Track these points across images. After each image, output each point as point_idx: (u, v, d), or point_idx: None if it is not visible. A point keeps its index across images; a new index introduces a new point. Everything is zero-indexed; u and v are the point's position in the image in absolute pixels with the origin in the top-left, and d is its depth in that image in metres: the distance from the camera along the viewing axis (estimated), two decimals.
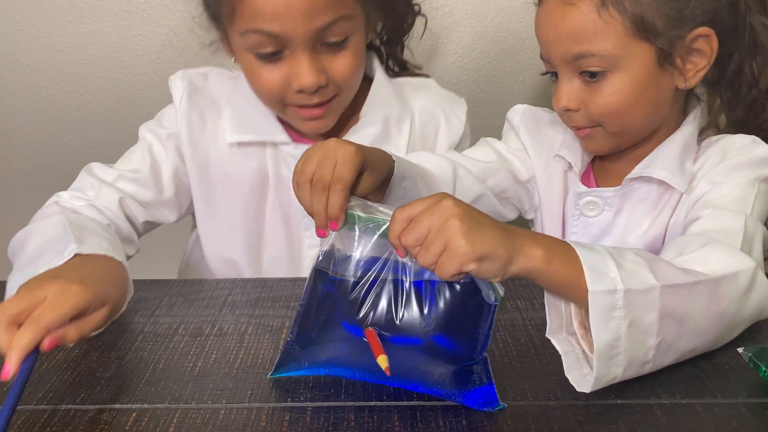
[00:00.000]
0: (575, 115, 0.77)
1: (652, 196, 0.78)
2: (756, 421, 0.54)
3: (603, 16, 0.72)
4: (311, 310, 0.58)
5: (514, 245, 0.53)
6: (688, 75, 0.74)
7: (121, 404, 0.57)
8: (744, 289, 0.61)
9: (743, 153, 0.74)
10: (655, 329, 0.56)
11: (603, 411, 0.55)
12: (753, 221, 0.68)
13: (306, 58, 0.75)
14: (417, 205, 0.54)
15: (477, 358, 0.56)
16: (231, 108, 0.87)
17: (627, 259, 0.57)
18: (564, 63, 0.75)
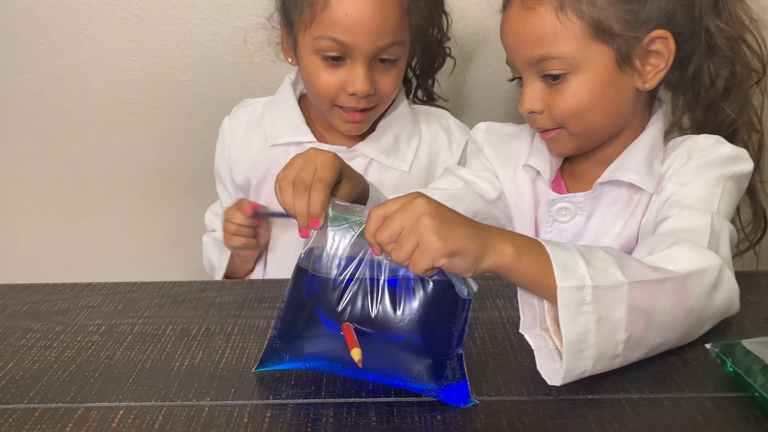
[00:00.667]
0: (539, 117, 0.79)
1: (623, 198, 0.80)
2: (720, 414, 0.56)
3: (561, 20, 0.75)
4: (293, 306, 0.61)
5: (484, 242, 0.55)
6: (647, 77, 0.77)
7: (108, 402, 0.59)
8: (711, 286, 0.63)
9: (708, 153, 0.76)
10: (624, 324, 0.58)
11: (573, 406, 0.57)
12: (719, 219, 0.70)
13: (363, 69, 0.87)
14: (391, 204, 0.56)
15: (452, 354, 0.58)
16: (270, 116, 1.01)
17: (596, 256, 0.59)
18: (527, 66, 0.78)
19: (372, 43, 0.85)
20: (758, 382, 0.56)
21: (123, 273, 1.41)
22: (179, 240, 1.40)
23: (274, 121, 0.99)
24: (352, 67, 0.87)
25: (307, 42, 0.88)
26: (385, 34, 0.85)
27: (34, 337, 0.71)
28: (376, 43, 0.85)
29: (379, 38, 0.85)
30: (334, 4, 0.84)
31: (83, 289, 0.83)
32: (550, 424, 0.55)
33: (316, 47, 0.87)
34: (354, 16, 0.83)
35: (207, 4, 1.29)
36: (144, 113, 1.35)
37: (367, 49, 0.85)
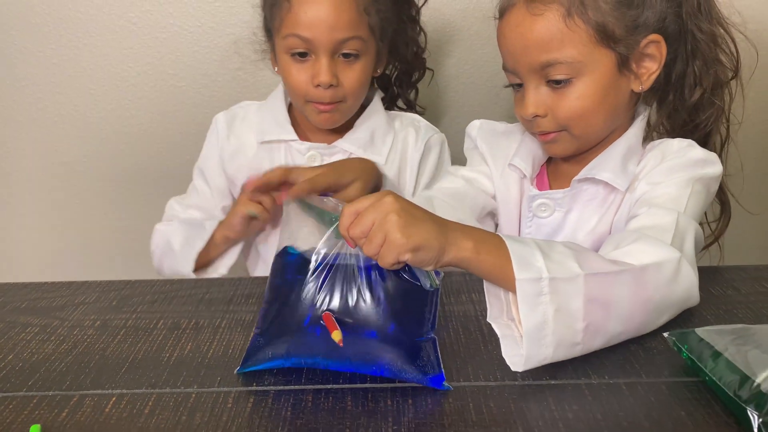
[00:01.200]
0: (543, 121, 0.82)
1: (600, 196, 0.84)
2: (673, 397, 0.60)
3: (569, 25, 0.77)
4: (273, 303, 0.65)
5: (446, 237, 0.60)
6: (642, 79, 0.80)
7: (102, 390, 0.63)
8: (668, 278, 0.66)
9: (680, 155, 0.80)
10: (582, 314, 0.62)
11: (536, 390, 0.61)
12: (685, 218, 0.74)
13: (326, 61, 0.97)
14: (363, 201, 0.60)
15: (426, 336, 0.62)
16: (259, 117, 1.10)
17: (555, 250, 0.63)
18: (531, 71, 0.80)
19: (330, 37, 0.95)
20: (708, 367, 0.59)
21: (118, 272, 1.45)
22: None
23: (263, 121, 1.08)
24: (316, 61, 0.97)
25: (280, 44, 0.99)
26: (342, 29, 0.95)
27: (33, 331, 0.75)
28: (333, 37, 0.95)
29: (336, 32, 0.95)
30: (296, 5, 0.95)
31: (79, 286, 0.87)
32: (514, 407, 0.59)
33: (286, 46, 0.98)
34: (313, 14, 0.95)
35: (202, 12, 1.33)
36: (140, 118, 1.39)
37: (326, 42, 0.95)
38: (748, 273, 0.84)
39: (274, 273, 0.65)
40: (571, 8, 0.76)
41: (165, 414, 0.59)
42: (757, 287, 0.81)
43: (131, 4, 1.32)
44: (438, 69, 1.27)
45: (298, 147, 1.06)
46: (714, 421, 0.56)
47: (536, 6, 0.78)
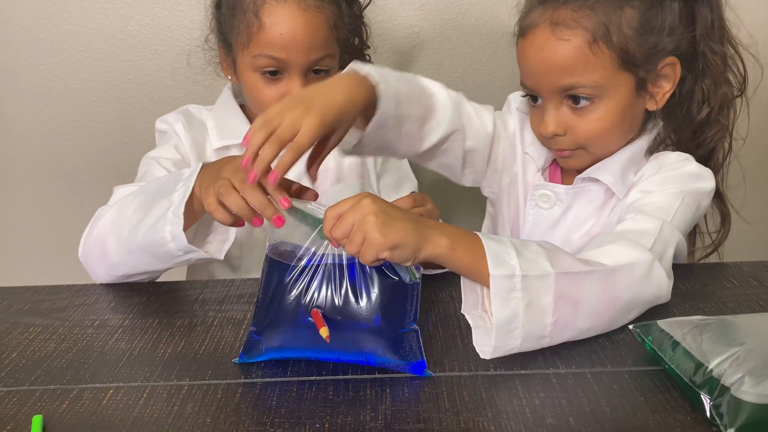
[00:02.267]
0: (562, 139, 0.84)
1: (599, 199, 0.87)
2: (635, 384, 0.63)
3: (594, 50, 0.79)
4: (266, 298, 0.69)
5: (422, 235, 0.64)
6: (657, 98, 0.83)
7: (100, 383, 0.67)
8: (639, 278, 0.70)
9: (675, 168, 0.83)
10: (551, 309, 0.66)
11: (507, 379, 0.65)
12: (670, 228, 0.77)
13: (299, 81, 0.96)
14: (343, 204, 0.65)
15: (408, 328, 0.66)
16: (213, 121, 1.07)
17: (529, 249, 0.67)
18: (553, 93, 0.82)
19: (306, 57, 0.94)
20: (668, 356, 0.63)
21: None
22: None
23: (218, 125, 1.04)
24: (290, 80, 0.96)
25: (246, 61, 0.97)
26: (317, 49, 0.95)
27: (35, 331, 0.79)
28: (309, 57, 0.94)
29: (312, 52, 0.94)
30: (268, 26, 0.93)
31: (80, 289, 0.91)
32: (485, 395, 0.63)
33: (255, 65, 0.96)
34: (288, 35, 0.93)
35: (199, 25, 1.36)
36: (140, 129, 1.44)
37: (302, 62, 0.94)
38: (717, 270, 0.88)
39: (266, 269, 0.70)
40: (596, 34, 0.78)
41: (158, 405, 0.63)
42: (724, 282, 0.85)
43: (130, 19, 1.37)
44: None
45: None
46: (671, 406, 0.60)
47: (562, 31, 0.79)
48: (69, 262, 1.51)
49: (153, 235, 0.80)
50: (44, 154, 1.45)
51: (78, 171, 1.46)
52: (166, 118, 1.08)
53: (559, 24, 0.79)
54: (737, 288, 0.83)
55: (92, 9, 1.36)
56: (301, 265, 0.68)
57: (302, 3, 0.93)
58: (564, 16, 0.79)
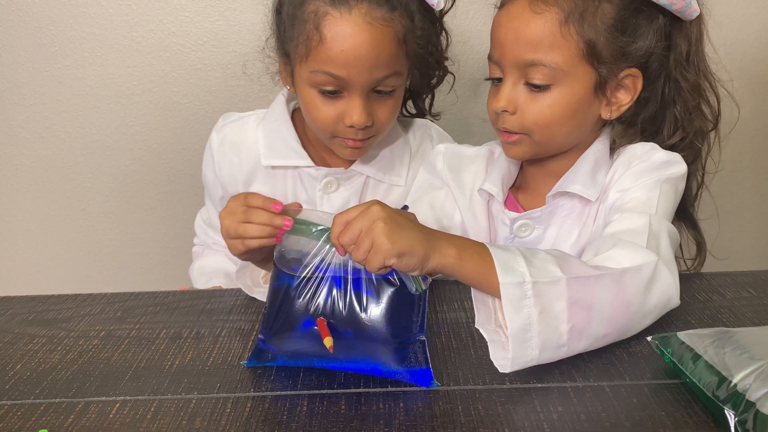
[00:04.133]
0: (510, 118, 0.83)
1: (576, 210, 0.86)
2: (654, 398, 0.62)
3: (563, 32, 0.79)
4: (274, 306, 0.68)
5: (430, 244, 0.63)
6: (612, 107, 0.83)
7: (106, 397, 0.66)
8: (647, 280, 0.69)
9: (644, 159, 0.82)
10: (566, 316, 0.64)
11: (523, 393, 0.63)
12: (657, 219, 0.76)
13: (360, 101, 0.88)
14: (352, 210, 0.64)
15: (414, 339, 0.65)
16: (264, 135, 0.99)
17: (537, 256, 0.65)
18: (514, 67, 0.81)
19: (368, 77, 0.86)
20: (689, 369, 0.62)
21: (123, 283, 1.48)
22: (179, 253, 1.47)
23: (268, 140, 0.98)
24: (349, 100, 0.88)
25: (303, 75, 0.89)
26: (381, 67, 0.86)
27: (40, 341, 0.78)
28: (372, 76, 0.86)
29: (375, 71, 0.86)
30: (329, 40, 0.84)
31: (85, 299, 0.89)
32: (501, 410, 0.61)
33: (313, 81, 0.88)
34: (349, 52, 0.84)
35: (204, 31, 1.36)
36: (144, 134, 1.43)
37: (364, 82, 0.86)
38: (733, 278, 0.87)
39: (273, 278, 0.68)
40: (570, 16, 0.78)
41: (166, 419, 0.62)
42: (741, 292, 0.83)
43: (135, 24, 1.36)
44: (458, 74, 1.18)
45: (312, 173, 0.98)
46: (693, 421, 0.58)
47: (538, 4, 0.79)
48: (73, 269, 1.51)
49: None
50: (48, 160, 1.44)
51: (82, 177, 1.45)
52: (204, 166, 1.05)
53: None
54: (756, 298, 0.81)
55: (97, 15, 1.35)
56: (308, 273, 0.66)
57: (368, 16, 0.84)
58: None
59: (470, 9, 1.34)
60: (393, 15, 0.85)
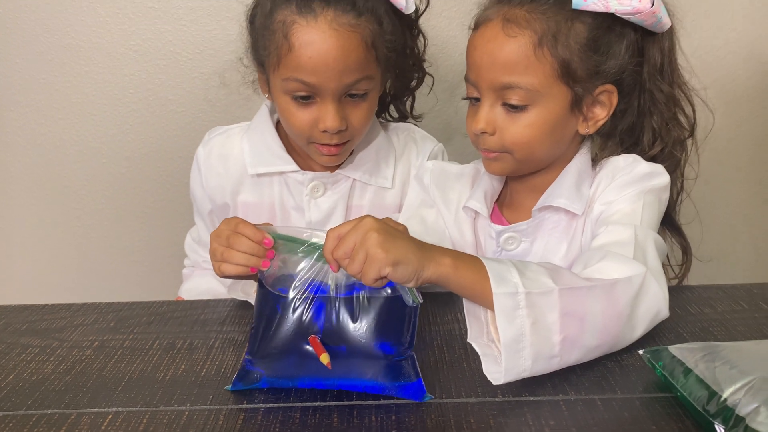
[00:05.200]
0: (489, 139, 0.84)
1: (563, 223, 0.87)
2: (646, 412, 0.62)
3: (537, 54, 0.80)
4: (259, 328, 0.67)
5: (425, 254, 0.63)
6: (589, 123, 0.84)
7: (99, 408, 0.66)
8: (636, 291, 0.70)
9: (627, 171, 0.83)
10: (558, 327, 0.64)
11: (515, 406, 0.64)
12: (643, 230, 0.77)
13: (333, 106, 0.89)
14: (345, 225, 0.64)
15: (405, 354, 0.65)
16: (249, 145, 1.01)
17: (529, 268, 0.66)
18: (490, 89, 0.83)
19: (338, 82, 0.88)
20: (680, 383, 0.62)
21: (117, 292, 1.48)
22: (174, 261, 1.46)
23: (254, 149, 1.00)
24: (322, 105, 0.89)
25: (277, 83, 0.91)
26: (351, 72, 0.88)
27: (33, 352, 0.77)
28: (342, 81, 0.88)
29: (345, 77, 0.88)
30: (297, 48, 0.86)
31: (79, 308, 0.89)
32: (493, 423, 0.61)
33: (286, 88, 0.90)
34: (317, 59, 0.86)
35: (200, 39, 1.37)
36: (141, 143, 1.43)
37: (334, 87, 0.88)
38: (725, 291, 0.87)
39: (259, 299, 0.68)
40: (543, 38, 0.79)
41: (159, 431, 0.62)
42: (732, 305, 0.83)
43: (132, 33, 1.36)
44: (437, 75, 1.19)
45: (298, 178, 0.99)
46: None
47: (512, 28, 0.80)
48: (67, 276, 1.51)
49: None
50: (43, 167, 1.44)
51: (78, 185, 1.45)
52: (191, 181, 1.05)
53: (511, 21, 0.80)
54: (747, 311, 0.82)
55: (94, 23, 1.36)
56: (296, 292, 0.66)
57: (334, 22, 0.86)
58: (517, 14, 0.81)
59: (448, 11, 1.34)
60: (359, 20, 0.87)
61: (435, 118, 1.34)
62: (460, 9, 1.34)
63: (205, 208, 1.05)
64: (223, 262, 0.73)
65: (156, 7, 1.36)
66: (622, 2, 0.79)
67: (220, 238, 0.73)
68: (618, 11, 0.79)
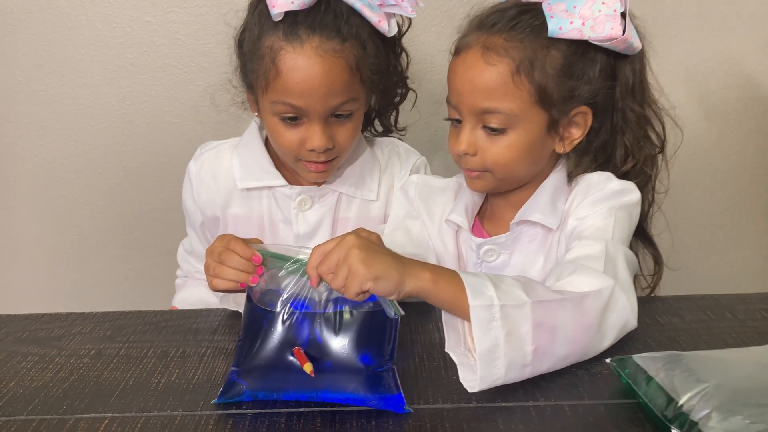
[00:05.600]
0: (471, 159, 0.89)
1: (538, 237, 0.91)
2: (609, 417, 0.66)
3: (515, 81, 0.84)
4: (247, 337, 0.71)
5: (405, 269, 0.67)
6: (565, 142, 0.88)
7: (95, 413, 0.69)
8: (605, 303, 0.74)
9: (600, 188, 0.88)
10: (530, 337, 0.68)
11: (488, 411, 0.68)
12: (614, 244, 0.81)
13: (319, 127, 0.93)
14: (329, 243, 0.68)
15: (386, 366, 0.69)
16: (239, 160, 1.05)
17: (504, 282, 0.70)
18: (471, 113, 0.87)
19: (324, 104, 0.92)
20: (642, 390, 0.66)
21: (115, 301, 1.52)
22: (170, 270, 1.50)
23: (243, 164, 1.04)
24: (309, 126, 0.94)
25: (265, 104, 0.95)
26: (336, 95, 0.92)
27: (33, 360, 0.81)
28: (328, 104, 0.92)
29: (331, 99, 0.91)
30: (285, 73, 0.90)
31: (77, 318, 0.93)
32: (466, 427, 0.65)
33: (274, 110, 0.94)
34: (304, 83, 0.90)
35: (195, 53, 1.41)
36: (137, 153, 1.47)
37: (321, 109, 0.92)
38: (694, 302, 0.91)
39: (247, 313, 0.72)
40: (521, 65, 0.83)
41: None
42: (700, 315, 0.88)
43: (129, 46, 1.40)
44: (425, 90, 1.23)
45: (286, 192, 1.03)
46: None
47: (491, 56, 0.84)
48: (66, 285, 1.54)
49: None
50: (42, 178, 1.48)
51: (75, 194, 1.49)
52: (184, 194, 1.09)
53: (490, 49, 0.84)
54: (713, 321, 0.86)
55: (92, 37, 1.39)
56: (283, 307, 0.70)
57: (319, 48, 0.89)
58: (496, 43, 0.84)
59: (436, 26, 1.39)
60: (344, 46, 0.91)
61: (423, 131, 1.38)
62: (448, 25, 1.37)
63: (197, 220, 1.09)
64: (215, 277, 0.78)
65: (152, 21, 1.39)
66: (595, 30, 0.83)
67: (213, 254, 0.78)
68: (592, 38, 0.83)
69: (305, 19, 0.90)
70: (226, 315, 0.92)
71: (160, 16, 1.39)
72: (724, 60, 1.43)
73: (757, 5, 1.41)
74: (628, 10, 0.85)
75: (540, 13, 0.85)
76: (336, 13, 0.91)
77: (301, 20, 0.90)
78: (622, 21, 0.83)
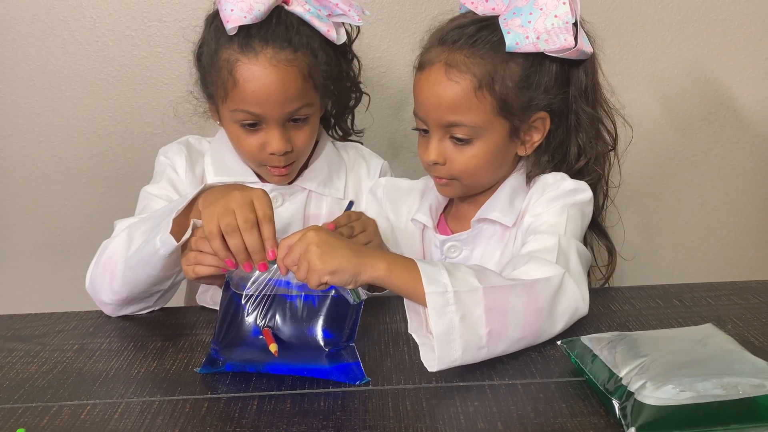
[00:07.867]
0: (440, 168, 0.95)
1: (497, 233, 0.97)
2: (558, 393, 0.71)
3: (478, 96, 0.90)
4: (225, 321, 0.77)
5: (361, 260, 0.73)
6: (526, 146, 0.95)
7: (78, 401, 0.74)
8: (555, 290, 0.79)
9: (555, 187, 0.94)
10: (484, 321, 0.74)
11: (447, 391, 0.73)
12: (566, 239, 0.87)
13: (278, 132, 0.99)
14: (293, 236, 0.74)
15: (345, 344, 0.75)
16: (211, 157, 1.11)
17: (459, 270, 0.75)
18: (438, 126, 0.93)
19: (281, 111, 0.97)
20: (588, 368, 0.71)
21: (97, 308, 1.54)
22: None
23: (216, 162, 1.09)
24: (268, 131, 0.99)
25: (226, 113, 1.01)
26: (291, 102, 0.97)
27: (18, 355, 0.85)
28: (284, 110, 0.97)
29: (286, 106, 0.97)
30: (242, 83, 0.96)
31: (60, 317, 0.97)
32: (425, 405, 0.70)
33: (234, 118, 0.99)
34: (260, 92, 0.95)
35: (175, 66, 1.45)
36: (119, 164, 1.51)
37: (278, 116, 0.97)
38: (645, 291, 0.97)
39: (224, 296, 0.79)
40: (482, 81, 0.89)
41: (132, 419, 0.70)
42: (650, 303, 0.93)
43: (111, 60, 1.44)
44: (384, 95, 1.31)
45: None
46: (588, 411, 0.68)
47: (454, 73, 0.90)
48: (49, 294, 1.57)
49: (147, 245, 0.86)
50: (25, 188, 1.51)
51: (59, 204, 1.52)
52: (167, 151, 1.11)
53: (453, 66, 0.90)
54: (662, 308, 0.92)
55: (74, 51, 1.44)
56: (255, 290, 0.77)
57: (273, 59, 0.95)
58: (457, 59, 0.90)
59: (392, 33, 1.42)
60: (296, 55, 0.97)
61: (380, 136, 1.44)
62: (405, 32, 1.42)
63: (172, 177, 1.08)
64: (196, 264, 0.82)
65: (133, 35, 1.44)
66: (549, 42, 0.89)
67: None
68: (547, 51, 0.89)
69: (258, 32, 0.95)
70: (204, 312, 0.96)
71: (141, 30, 1.43)
72: (687, 65, 1.50)
73: (718, 12, 1.47)
74: (578, 18, 0.91)
75: (497, 29, 0.91)
76: (287, 24, 0.97)
77: (254, 33, 0.95)
78: (574, 30, 0.89)
